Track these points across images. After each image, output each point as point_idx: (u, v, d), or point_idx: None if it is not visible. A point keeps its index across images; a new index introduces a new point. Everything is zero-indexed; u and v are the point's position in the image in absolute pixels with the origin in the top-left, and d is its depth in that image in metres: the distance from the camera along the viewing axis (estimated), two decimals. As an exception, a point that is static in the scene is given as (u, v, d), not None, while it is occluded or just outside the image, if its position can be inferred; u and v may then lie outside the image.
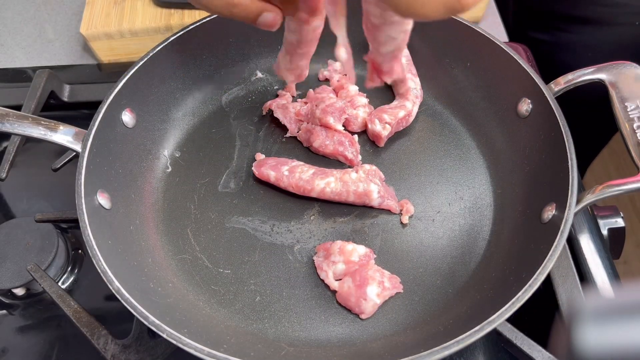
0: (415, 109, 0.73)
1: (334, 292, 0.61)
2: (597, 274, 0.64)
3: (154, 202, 0.68)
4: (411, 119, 0.73)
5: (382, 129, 0.70)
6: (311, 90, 0.76)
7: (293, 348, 0.57)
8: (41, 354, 0.63)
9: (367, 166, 0.67)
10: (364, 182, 0.65)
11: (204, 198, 0.68)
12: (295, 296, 0.61)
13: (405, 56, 0.74)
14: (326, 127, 0.70)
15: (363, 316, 0.59)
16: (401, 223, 0.66)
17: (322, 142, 0.70)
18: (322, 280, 0.61)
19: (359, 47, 0.78)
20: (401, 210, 0.67)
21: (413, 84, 0.73)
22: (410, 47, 0.75)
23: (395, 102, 0.73)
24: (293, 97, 0.76)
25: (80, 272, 0.69)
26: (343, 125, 0.71)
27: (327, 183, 0.65)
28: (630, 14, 0.95)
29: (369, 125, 0.71)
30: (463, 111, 0.74)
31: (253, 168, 0.68)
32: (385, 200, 0.66)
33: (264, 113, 0.75)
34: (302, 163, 0.68)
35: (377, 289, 0.58)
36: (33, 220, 0.68)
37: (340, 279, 0.61)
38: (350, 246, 0.61)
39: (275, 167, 0.67)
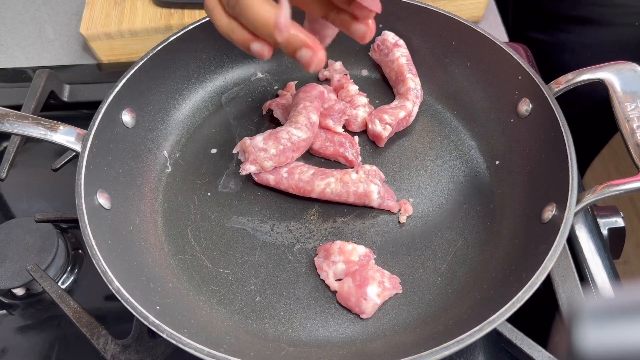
0: (416, 109, 0.73)
1: (335, 292, 0.61)
2: (597, 274, 0.63)
3: (154, 202, 0.68)
4: (411, 119, 0.73)
5: (383, 130, 0.70)
6: (291, 82, 0.76)
7: (293, 348, 0.57)
8: (41, 354, 0.63)
9: (367, 166, 0.66)
10: (364, 182, 0.65)
11: (204, 198, 0.68)
12: (295, 296, 0.61)
13: (405, 56, 0.74)
14: (326, 129, 0.70)
15: (363, 316, 0.59)
16: (399, 222, 0.66)
17: (322, 143, 0.70)
18: (323, 281, 0.61)
19: (359, 47, 0.78)
20: (399, 210, 0.67)
21: (413, 83, 0.73)
22: (410, 47, 0.75)
23: (395, 102, 0.73)
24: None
25: (80, 272, 0.69)
26: (343, 126, 0.71)
27: (327, 184, 0.65)
28: (630, 14, 0.95)
29: (370, 126, 0.70)
30: (463, 111, 0.74)
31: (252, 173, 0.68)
32: (386, 200, 0.66)
33: (264, 113, 0.75)
34: (300, 163, 0.68)
35: (377, 289, 0.58)
36: (33, 220, 0.68)
37: (341, 279, 0.61)
38: (350, 246, 0.61)
39: (273, 171, 0.67)
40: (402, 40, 0.75)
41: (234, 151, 0.68)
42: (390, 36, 0.75)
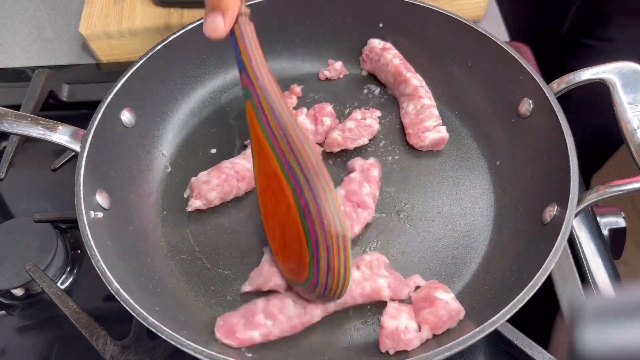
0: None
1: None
2: (598, 275, 0.63)
3: (153, 203, 0.68)
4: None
5: (437, 132, 0.69)
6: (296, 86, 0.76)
7: (293, 349, 0.57)
8: (40, 354, 0.63)
9: (367, 257, 0.59)
10: (369, 279, 0.57)
11: (204, 198, 0.68)
12: (295, 297, 0.61)
13: (397, 56, 0.73)
14: None
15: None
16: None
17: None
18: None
19: (360, 48, 0.78)
20: (416, 289, 0.60)
21: (417, 81, 0.72)
22: (410, 46, 0.75)
23: (411, 107, 0.71)
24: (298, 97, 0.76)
25: (79, 273, 0.69)
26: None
27: (311, 317, 0.56)
28: None
29: (426, 142, 0.70)
30: (463, 111, 0.74)
31: (217, 335, 0.55)
32: (397, 291, 0.58)
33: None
34: (273, 296, 0.58)
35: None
36: (32, 221, 0.68)
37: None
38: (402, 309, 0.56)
39: (252, 325, 0.54)
40: (390, 43, 0.74)
41: (185, 195, 0.67)
42: (376, 42, 0.75)
